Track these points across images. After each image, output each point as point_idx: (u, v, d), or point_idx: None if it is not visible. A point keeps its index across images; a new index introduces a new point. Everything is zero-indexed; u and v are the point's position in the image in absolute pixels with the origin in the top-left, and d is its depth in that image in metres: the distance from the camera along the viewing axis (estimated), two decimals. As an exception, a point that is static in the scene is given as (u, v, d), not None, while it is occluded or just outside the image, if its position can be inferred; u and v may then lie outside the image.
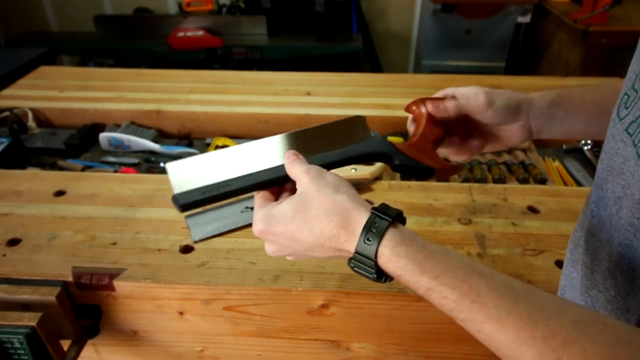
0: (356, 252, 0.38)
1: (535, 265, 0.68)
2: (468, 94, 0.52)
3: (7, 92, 1.29)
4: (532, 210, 0.79)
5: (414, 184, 0.87)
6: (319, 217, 0.39)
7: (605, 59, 2.27)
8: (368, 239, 0.37)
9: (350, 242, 0.38)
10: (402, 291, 0.64)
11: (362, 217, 0.38)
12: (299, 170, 0.43)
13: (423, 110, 0.54)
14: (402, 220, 0.40)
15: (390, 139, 0.53)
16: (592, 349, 0.29)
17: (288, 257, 0.46)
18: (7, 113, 1.15)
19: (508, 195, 0.83)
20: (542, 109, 0.52)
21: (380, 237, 0.36)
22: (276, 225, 0.41)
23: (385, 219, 0.37)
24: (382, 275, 0.38)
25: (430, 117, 0.53)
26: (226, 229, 0.75)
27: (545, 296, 0.33)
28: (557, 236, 0.73)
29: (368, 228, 0.37)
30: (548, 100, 0.53)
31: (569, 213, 0.78)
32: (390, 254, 0.36)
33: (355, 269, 0.39)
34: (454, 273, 0.35)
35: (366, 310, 0.66)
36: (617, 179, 0.40)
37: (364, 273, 0.38)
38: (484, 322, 0.33)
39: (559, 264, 0.68)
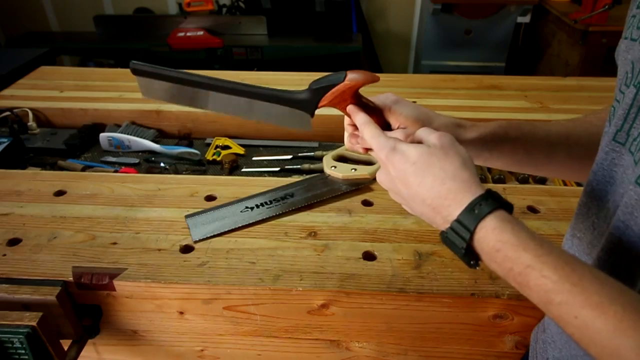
0: (457, 219, 0.37)
1: (535, 265, 0.68)
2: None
3: (7, 92, 1.30)
4: (532, 210, 0.79)
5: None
6: (437, 175, 0.39)
7: (605, 59, 2.27)
8: (474, 210, 0.36)
9: (454, 208, 0.38)
10: (402, 291, 0.64)
11: (476, 192, 0.38)
12: (432, 134, 0.44)
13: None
14: (510, 211, 0.39)
15: None
16: None
17: (389, 192, 0.47)
18: (7, 113, 1.16)
19: (508, 195, 0.83)
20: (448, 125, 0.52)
21: (488, 211, 0.36)
22: (398, 161, 0.42)
23: (496, 201, 0.37)
24: (470, 253, 0.37)
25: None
26: (226, 229, 0.75)
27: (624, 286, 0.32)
28: (557, 236, 0.73)
29: (478, 202, 0.37)
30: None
31: (569, 213, 0.78)
32: (495, 226, 0.36)
33: (447, 237, 0.38)
34: (558, 255, 0.34)
35: (366, 310, 0.66)
36: (618, 189, 0.40)
37: (455, 244, 0.37)
38: (584, 308, 0.31)
39: (559, 263, 0.68)
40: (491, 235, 0.36)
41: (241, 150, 1.11)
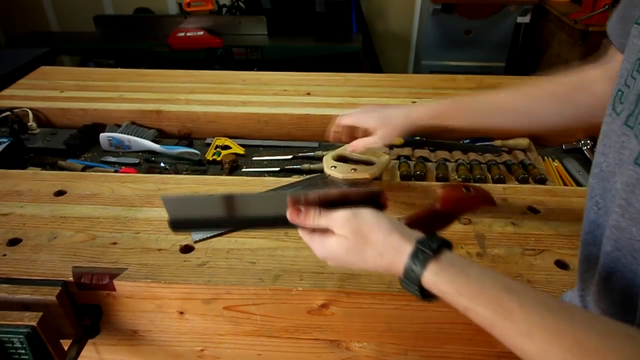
0: (404, 277, 0.43)
1: (535, 265, 0.68)
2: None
3: (7, 92, 1.30)
4: (532, 210, 0.79)
5: (413, 184, 0.87)
6: (372, 256, 0.46)
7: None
8: (412, 270, 0.42)
9: (399, 271, 0.44)
10: (402, 291, 0.64)
11: (407, 251, 0.43)
12: (333, 221, 0.48)
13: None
14: (448, 246, 0.44)
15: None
16: (615, 359, 0.31)
17: None
18: (7, 113, 1.16)
19: (508, 195, 0.83)
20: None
21: (422, 268, 0.42)
22: (332, 257, 0.49)
23: (427, 253, 0.42)
24: (427, 295, 0.43)
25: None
26: (226, 229, 0.75)
27: (575, 311, 0.36)
28: (556, 236, 0.73)
29: (412, 261, 0.43)
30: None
31: (568, 213, 0.78)
32: (431, 282, 0.42)
33: (405, 288, 0.45)
34: (488, 294, 0.38)
35: (366, 310, 0.66)
36: (626, 171, 0.41)
37: (413, 292, 0.44)
38: (517, 337, 0.36)
39: (559, 263, 0.68)
40: (433, 287, 0.42)
41: (241, 150, 1.11)
